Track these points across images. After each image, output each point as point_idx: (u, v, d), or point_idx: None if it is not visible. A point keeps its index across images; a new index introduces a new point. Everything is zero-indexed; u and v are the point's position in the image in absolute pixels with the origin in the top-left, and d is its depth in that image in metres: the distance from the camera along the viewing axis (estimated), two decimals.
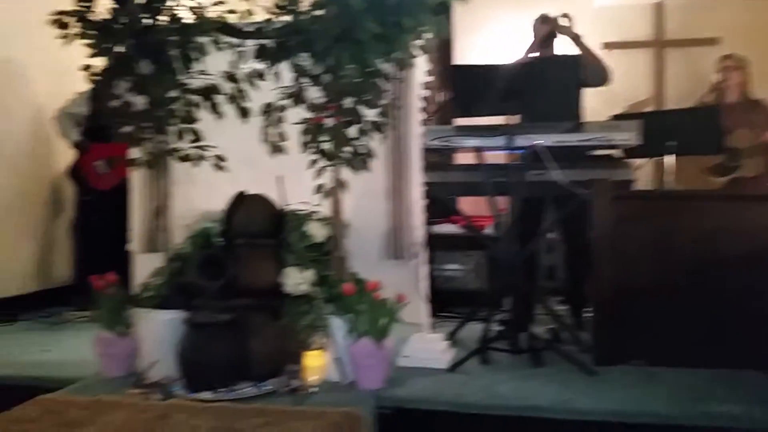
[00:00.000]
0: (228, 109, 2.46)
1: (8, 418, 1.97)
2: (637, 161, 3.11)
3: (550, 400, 2.17)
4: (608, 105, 3.54)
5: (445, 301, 3.30)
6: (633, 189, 2.88)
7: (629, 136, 2.59)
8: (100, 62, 2.35)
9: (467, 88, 2.50)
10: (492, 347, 2.62)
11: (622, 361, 2.52)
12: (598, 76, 3.20)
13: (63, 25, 2.17)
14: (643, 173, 3.53)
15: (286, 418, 1.96)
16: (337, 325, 2.30)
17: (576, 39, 3.20)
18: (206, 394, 2.15)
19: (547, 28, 3.21)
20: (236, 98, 2.37)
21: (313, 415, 1.98)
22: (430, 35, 2.13)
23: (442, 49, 4.10)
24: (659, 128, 2.90)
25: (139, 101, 2.25)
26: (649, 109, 4.40)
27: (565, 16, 3.24)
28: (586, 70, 2.99)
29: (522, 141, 2.50)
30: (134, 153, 2.56)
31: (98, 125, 3.91)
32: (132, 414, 2.00)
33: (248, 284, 2.34)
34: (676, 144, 2.93)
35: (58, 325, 3.55)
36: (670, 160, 3.01)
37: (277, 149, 2.23)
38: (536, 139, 2.46)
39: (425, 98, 2.57)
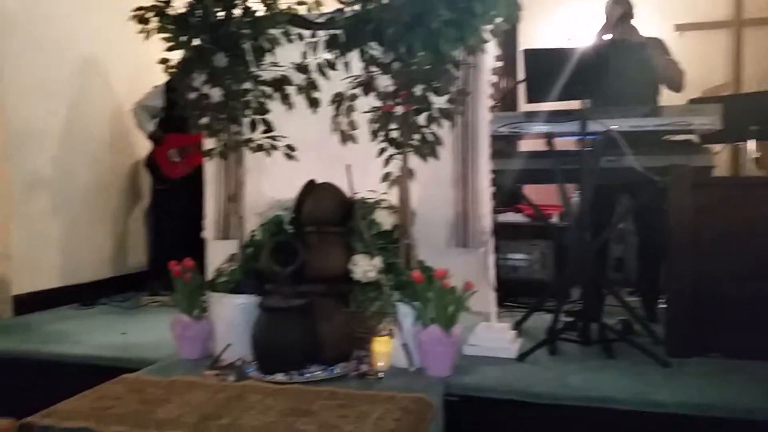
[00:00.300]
0: (297, 100, 2.51)
1: (97, 394, 2.08)
2: (716, 147, 2.98)
3: (625, 391, 2.12)
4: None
5: (509, 291, 3.27)
6: (712, 176, 2.77)
7: (710, 120, 2.48)
8: (176, 56, 2.44)
9: (539, 73, 2.44)
10: (562, 337, 2.58)
11: (698, 354, 2.44)
12: (674, 82, 3.07)
13: (143, 21, 2.27)
14: (718, 159, 3.39)
15: (357, 401, 1.99)
16: (405, 311, 2.31)
17: (645, 47, 3.07)
18: (279, 376, 2.21)
19: (621, 10, 3.10)
20: (306, 89, 2.40)
21: (383, 399, 2.01)
22: (501, 20, 2.10)
23: (506, 33, 4.02)
24: (741, 112, 2.77)
25: (215, 93, 2.30)
26: (727, 92, 4.19)
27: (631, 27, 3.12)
28: (659, 76, 2.87)
29: (595, 126, 2.44)
30: (209, 144, 2.66)
31: (172, 117, 4.07)
32: (209, 394, 2.07)
33: (318, 271, 2.38)
34: (759, 128, 2.79)
35: (133, 310, 3.72)
36: (751, 145, 2.87)
37: (347, 138, 2.25)
38: (611, 123, 2.39)
39: (492, 84, 2.54)
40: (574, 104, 2.58)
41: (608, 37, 3.12)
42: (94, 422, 1.83)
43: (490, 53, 2.42)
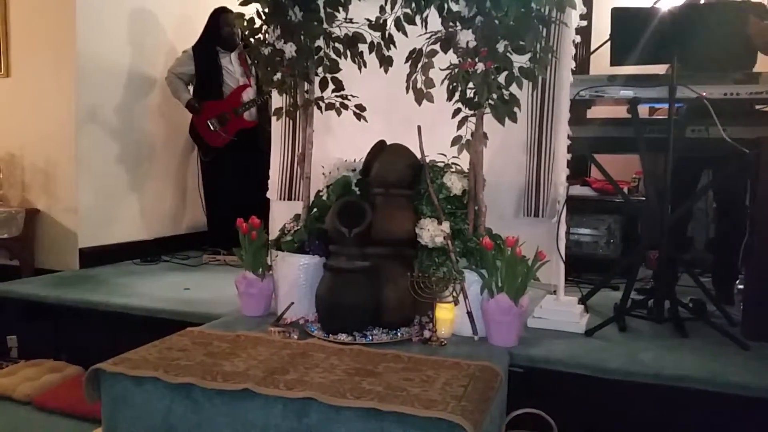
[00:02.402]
0: (368, 60, 2.45)
1: (165, 345, 2.11)
2: None
3: (702, 370, 2.03)
4: None
5: (571, 266, 3.17)
6: None
7: None
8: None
9: (626, 33, 2.31)
10: (632, 314, 2.49)
11: None
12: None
13: None
14: None
15: (422, 365, 1.96)
16: (472, 279, 2.26)
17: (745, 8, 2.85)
18: (342, 337, 2.20)
19: None
20: (378, 47, 2.34)
21: (448, 365, 1.97)
22: None
23: None
24: None
25: (288, 50, 2.26)
26: None
27: None
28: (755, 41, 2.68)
29: (684, 92, 2.29)
30: (277, 102, 2.63)
31: (204, 84, 3.98)
32: (274, 349, 2.08)
33: (384, 233, 2.34)
34: None
35: (194, 267, 3.79)
36: None
37: (422, 97, 2.18)
38: (701, 90, 2.24)
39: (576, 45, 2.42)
40: (657, 69, 2.44)
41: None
42: (163, 372, 1.85)
43: (576, 11, 2.29)
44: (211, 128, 3.97)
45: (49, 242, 3.71)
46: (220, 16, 3.95)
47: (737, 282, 2.84)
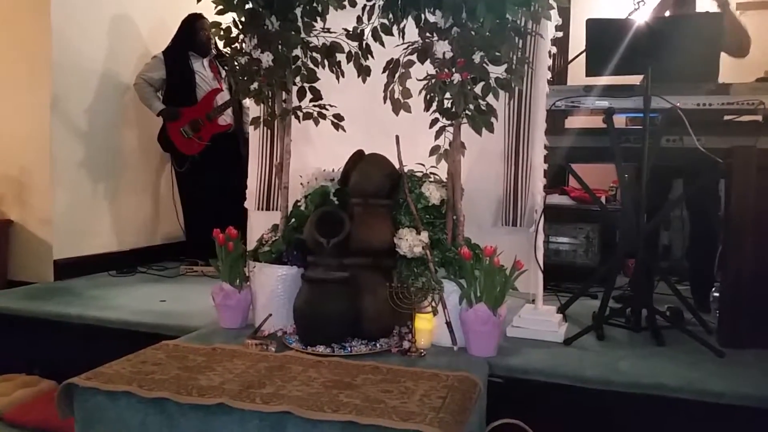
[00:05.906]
0: (345, 69, 2.44)
1: (139, 359, 2.08)
2: None
3: (678, 379, 2.04)
4: (741, 70, 3.24)
5: (550, 275, 3.18)
6: None
7: None
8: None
9: (601, 44, 2.33)
10: (610, 323, 2.50)
11: (753, 346, 2.34)
12: (738, 47, 2.94)
13: None
14: None
15: (401, 376, 1.95)
16: (450, 288, 2.25)
17: (724, 5, 2.96)
18: (320, 349, 2.18)
19: None
20: (356, 56, 2.34)
21: (427, 376, 1.97)
22: None
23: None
24: None
25: (264, 59, 2.25)
26: None
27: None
28: (727, 38, 2.75)
29: (657, 102, 2.33)
30: (255, 112, 2.61)
31: (175, 90, 3.88)
32: (251, 363, 2.05)
33: (363, 243, 2.33)
34: None
35: (171, 278, 3.74)
36: None
37: (399, 107, 2.18)
38: (675, 100, 2.28)
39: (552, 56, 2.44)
40: (633, 79, 2.46)
41: (666, 13, 2.99)
42: (137, 386, 1.81)
43: (552, 22, 2.32)
44: (185, 136, 3.86)
45: (23, 254, 3.63)
46: (196, 21, 3.88)
47: (713, 290, 2.87)
